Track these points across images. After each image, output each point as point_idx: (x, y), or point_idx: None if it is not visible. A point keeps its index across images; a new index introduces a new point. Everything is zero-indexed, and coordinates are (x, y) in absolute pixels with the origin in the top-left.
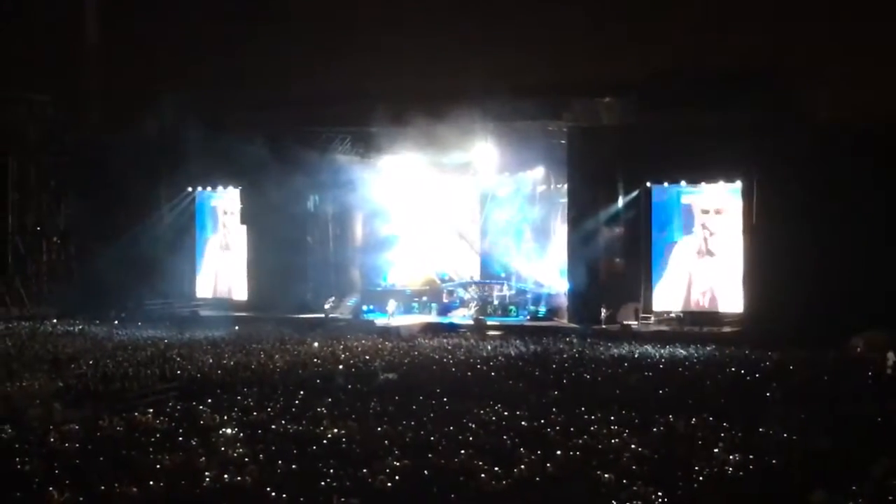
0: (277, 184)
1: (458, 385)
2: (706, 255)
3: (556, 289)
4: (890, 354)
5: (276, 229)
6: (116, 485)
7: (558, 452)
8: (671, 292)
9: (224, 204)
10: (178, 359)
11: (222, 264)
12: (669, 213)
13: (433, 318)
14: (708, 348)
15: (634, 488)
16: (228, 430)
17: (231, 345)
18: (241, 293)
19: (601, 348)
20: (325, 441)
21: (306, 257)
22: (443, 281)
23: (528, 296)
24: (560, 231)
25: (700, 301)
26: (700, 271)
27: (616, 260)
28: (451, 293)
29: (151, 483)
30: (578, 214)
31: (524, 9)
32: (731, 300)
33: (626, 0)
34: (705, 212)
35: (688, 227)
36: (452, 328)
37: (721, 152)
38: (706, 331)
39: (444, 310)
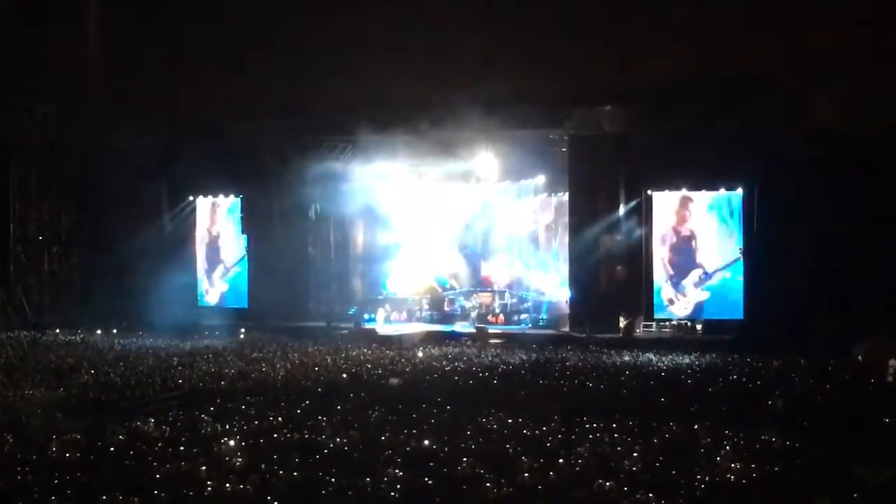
0: (278, 192)
1: (461, 393)
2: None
3: (557, 297)
4: (892, 362)
5: (278, 238)
6: (118, 495)
7: (560, 460)
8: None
9: (214, 209)
10: (180, 368)
11: (222, 273)
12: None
13: (435, 326)
14: (709, 356)
15: (637, 496)
16: (230, 440)
17: (232, 354)
18: (242, 302)
19: (603, 356)
20: (327, 450)
21: (307, 266)
22: (444, 289)
23: (530, 304)
24: (561, 239)
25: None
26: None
27: (617, 268)
28: (452, 301)
29: (153, 492)
30: (579, 222)
31: (526, 18)
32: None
33: (627, 10)
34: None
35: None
36: (454, 337)
37: (722, 159)
38: (707, 338)
39: (446, 318)
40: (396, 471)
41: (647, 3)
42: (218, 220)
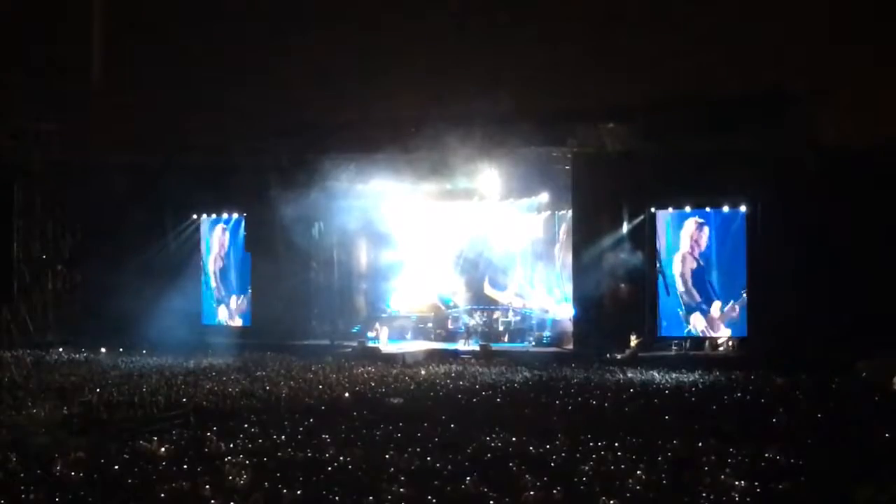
0: (282, 211)
1: (464, 411)
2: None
3: (560, 315)
4: None
5: (281, 256)
6: None
7: (564, 479)
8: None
9: (220, 229)
10: (184, 386)
11: (225, 291)
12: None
13: (438, 344)
14: (713, 373)
15: None
16: (234, 458)
17: (236, 372)
18: (245, 320)
19: (607, 374)
20: (330, 468)
21: (311, 284)
22: (447, 307)
23: (533, 322)
24: (564, 257)
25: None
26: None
27: (621, 286)
28: (455, 319)
29: None
30: (583, 240)
31: (528, 35)
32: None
33: (629, 26)
34: None
35: None
36: (457, 355)
37: (726, 177)
38: (711, 355)
39: (449, 336)
40: (400, 489)
41: (649, 21)
42: (214, 237)
